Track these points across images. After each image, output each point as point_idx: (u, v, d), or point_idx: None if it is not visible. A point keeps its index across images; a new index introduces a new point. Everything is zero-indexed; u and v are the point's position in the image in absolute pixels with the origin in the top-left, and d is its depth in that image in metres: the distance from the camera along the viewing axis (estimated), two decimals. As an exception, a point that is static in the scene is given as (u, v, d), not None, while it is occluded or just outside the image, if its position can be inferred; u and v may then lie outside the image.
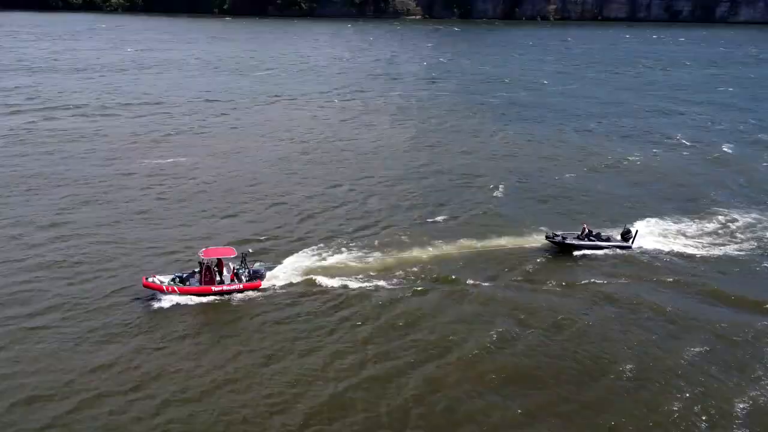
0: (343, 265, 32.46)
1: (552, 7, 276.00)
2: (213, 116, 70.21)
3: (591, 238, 35.50)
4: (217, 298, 29.33)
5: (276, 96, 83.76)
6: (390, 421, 21.42)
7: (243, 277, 29.93)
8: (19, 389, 22.55)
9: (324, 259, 33.07)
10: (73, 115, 68.38)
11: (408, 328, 27.09)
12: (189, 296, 28.95)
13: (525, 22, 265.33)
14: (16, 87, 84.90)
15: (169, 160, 51.09)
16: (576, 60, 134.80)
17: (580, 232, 35.63)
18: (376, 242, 35.45)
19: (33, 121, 64.66)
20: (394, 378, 23.62)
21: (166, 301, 28.59)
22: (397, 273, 31.84)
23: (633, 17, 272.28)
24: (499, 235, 36.76)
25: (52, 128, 62.06)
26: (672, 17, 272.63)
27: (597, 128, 66.93)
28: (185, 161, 50.79)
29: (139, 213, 39.63)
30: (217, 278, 29.50)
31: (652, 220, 39.78)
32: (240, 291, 29.62)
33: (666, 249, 35.83)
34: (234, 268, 30.24)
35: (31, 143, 56.20)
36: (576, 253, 34.86)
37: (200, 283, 29.28)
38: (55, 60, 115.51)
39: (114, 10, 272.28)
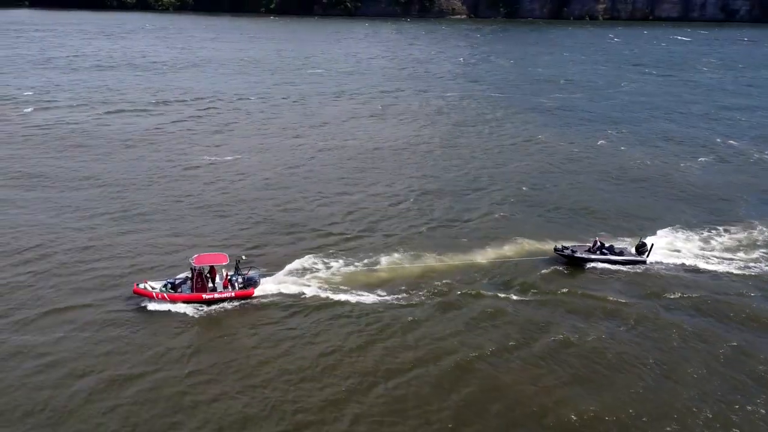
0: (341, 275, 31.84)
1: (601, 6, 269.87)
2: (260, 114, 71.93)
3: (604, 251, 34.41)
4: (209, 305, 28.82)
5: (323, 95, 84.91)
6: (375, 432, 21.49)
7: (236, 284, 29.30)
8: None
9: (322, 267, 32.48)
10: (131, 111, 71.70)
11: (401, 342, 26.53)
12: (179, 303, 28.45)
13: (573, 22, 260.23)
14: (75, 83, 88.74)
15: (204, 158, 52.42)
16: (626, 61, 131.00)
17: (591, 245, 34.65)
18: (378, 251, 34.73)
19: (96, 118, 67.61)
20: (384, 390, 23.50)
21: (156, 308, 28.21)
22: (397, 284, 31.20)
23: (686, 17, 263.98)
24: (508, 245, 36.17)
25: (110, 124, 64.93)
26: (728, 17, 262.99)
27: (634, 133, 64.94)
28: (215, 160, 52.01)
29: (143, 213, 40.15)
30: (210, 285, 28.94)
31: (672, 232, 38.47)
32: (232, 299, 28.99)
33: (684, 264, 34.55)
34: (227, 274, 29.61)
35: (89, 140, 58.48)
36: (587, 266, 33.82)
37: (192, 290, 28.72)
38: (113, 57, 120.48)
39: (165, 9, 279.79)
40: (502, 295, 30.61)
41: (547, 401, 23.12)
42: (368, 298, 29.81)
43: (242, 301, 29.24)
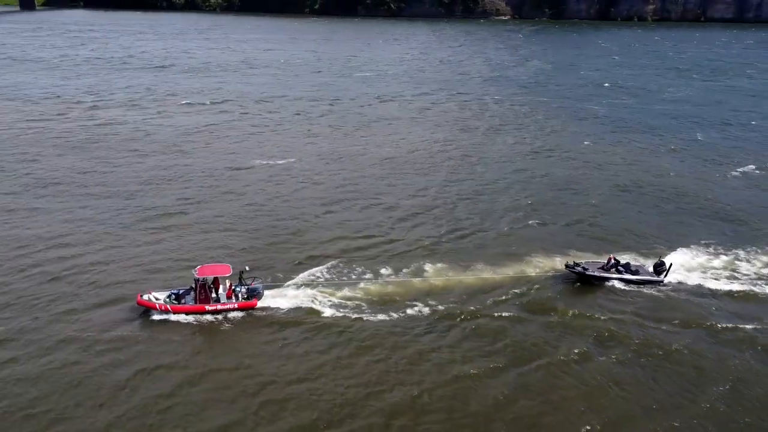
0: (346, 287, 31.61)
1: (650, 7, 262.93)
2: (307, 116, 73.27)
3: (619, 269, 33.37)
4: (212, 316, 28.89)
5: (368, 98, 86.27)
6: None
7: (240, 296, 29.32)
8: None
9: (328, 278, 32.36)
10: (183, 112, 74.25)
11: (401, 361, 26.19)
12: (183, 315, 28.59)
13: (620, 23, 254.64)
14: (130, 84, 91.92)
15: (256, 161, 53.44)
16: (677, 66, 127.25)
17: (605, 262, 33.69)
18: (387, 265, 34.31)
19: (149, 118, 70.30)
20: (379, 412, 23.33)
21: (160, 320, 28.41)
22: (402, 300, 30.79)
23: (741, 18, 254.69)
24: (518, 260, 35.49)
25: (161, 125, 67.44)
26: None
27: (677, 145, 62.75)
28: (262, 163, 52.95)
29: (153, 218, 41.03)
30: (213, 296, 29.03)
31: (696, 251, 37.10)
32: (235, 310, 29.01)
33: (704, 286, 33.18)
34: (231, 285, 29.66)
35: (139, 140, 60.95)
36: (599, 285, 32.86)
37: (195, 301, 28.84)
38: (165, 58, 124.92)
39: (213, 9, 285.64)
40: (505, 314, 29.94)
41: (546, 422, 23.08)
42: (371, 313, 29.56)
43: (245, 313, 29.31)
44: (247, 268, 31.23)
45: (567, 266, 33.50)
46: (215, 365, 25.77)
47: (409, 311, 30.02)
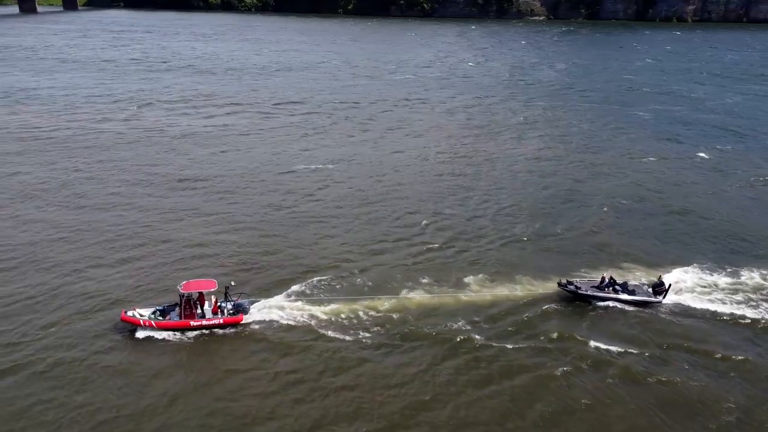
0: (335, 303, 31.33)
1: (690, 7, 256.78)
2: (348, 121, 74.26)
3: (615, 288, 32.82)
4: (197, 332, 28.82)
5: (411, 100, 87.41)
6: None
7: (225, 311, 29.25)
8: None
9: (317, 294, 32.12)
10: (225, 113, 76.56)
11: (386, 381, 26.02)
12: (167, 331, 28.57)
13: (659, 24, 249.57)
14: (172, 87, 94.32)
15: (299, 167, 54.00)
16: (719, 69, 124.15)
17: (599, 281, 33.21)
18: (379, 281, 33.90)
19: (192, 120, 72.54)
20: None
21: (144, 336, 28.35)
22: (389, 318, 30.46)
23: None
24: (511, 279, 34.82)
25: (204, 126, 69.72)
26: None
27: (699, 156, 61.14)
28: (302, 168, 53.59)
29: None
30: (198, 311, 29.01)
31: (701, 272, 36.18)
32: (220, 326, 28.92)
33: (706, 308, 32.26)
34: (216, 300, 29.55)
35: (182, 142, 63.15)
36: (594, 304, 32.29)
37: (180, 317, 28.71)
38: (205, 59, 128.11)
39: (248, 9, 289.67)
40: (491, 335, 29.45)
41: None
42: (359, 330, 29.36)
43: (231, 328, 29.24)
44: (232, 283, 31.13)
45: (560, 284, 32.98)
46: (195, 384, 25.68)
47: (396, 330, 29.72)
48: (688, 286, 34.79)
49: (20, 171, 52.06)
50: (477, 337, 29.40)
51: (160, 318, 28.84)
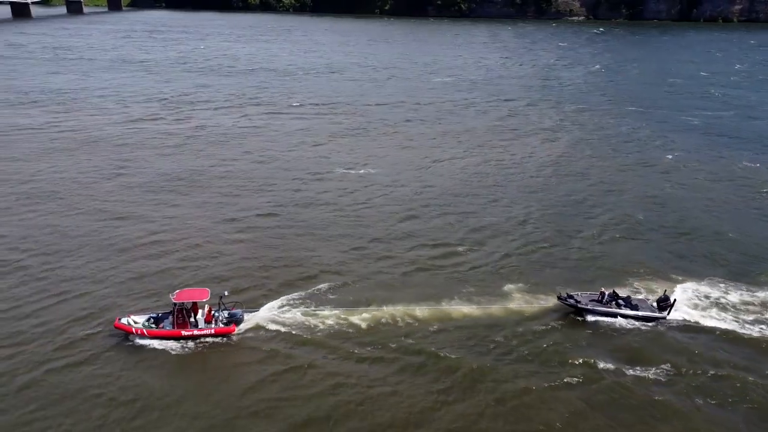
0: (331, 315, 31.24)
1: (737, 7, 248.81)
2: (388, 124, 74.82)
3: (619, 302, 32.18)
4: (188, 342, 28.89)
5: (452, 103, 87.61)
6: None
7: (219, 321, 29.25)
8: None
9: (310, 307, 31.89)
10: (269, 113, 79.00)
11: (378, 397, 25.71)
12: (158, 339, 28.66)
13: (703, 24, 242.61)
14: (218, 88, 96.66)
15: (337, 170, 54.82)
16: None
17: (600, 295, 32.44)
18: (379, 292, 33.59)
19: (235, 120, 74.81)
20: None
21: (135, 344, 28.54)
22: (388, 331, 30.19)
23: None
24: (509, 292, 34.17)
25: (246, 127, 71.70)
26: None
27: (730, 168, 59.38)
28: (344, 173, 54.60)
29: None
30: (191, 320, 28.96)
31: (711, 286, 35.10)
32: (212, 336, 28.88)
33: (713, 326, 31.22)
34: (211, 310, 29.62)
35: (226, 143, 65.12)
36: (594, 319, 31.72)
37: (173, 326, 28.73)
38: (248, 60, 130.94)
39: (286, 10, 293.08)
40: (483, 350, 28.96)
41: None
42: (354, 344, 29.10)
43: (223, 339, 29.26)
44: (226, 293, 31.05)
45: (559, 297, 32.49)
46: (183, 394, 25.87)
47: (391, 342, 29.42)
48: (696, 302, 33.81)
49: (64, 169, 54.70)
50: (469, 351, 29.00)
51: (153, 326, 29.02)
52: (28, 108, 78.87)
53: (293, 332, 29.96)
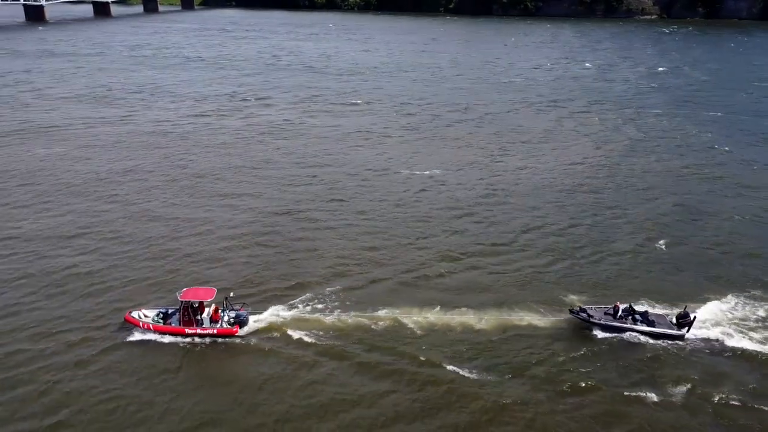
0: (336, 319, 31.32)
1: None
2: (455, 125, 75.02)
3: (635, 317, 31.00)
4: (192, 339, 29.58)
5: (521, 105, 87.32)
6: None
7: (224, 322, 29.80)
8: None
9: (316, 311, 32.07)
10: (329, 111, 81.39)
11: (376, 406, 25.61)
12: (163, 335, 29.56)
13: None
14: (286, 86, 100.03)
15: (403, 171, 55.47)
16: None
17: (614, 309, 31.45)
18: (390, 298, 33.54)
19: (298, 117, 77.91)
20: None
21: (141, 338, 29.50)
22: (391, 338, 30.03)
23: None
24: (523, 301, 33.52)
25: (306, 124, 74.47)
26: None
27: None
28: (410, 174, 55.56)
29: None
30: (198, 318, 29.62)
31: (737, 304, 33.44)
32: (214, 335, 29.55)
33: (736, 346, 29.61)
34: (217, 309, 30.18)
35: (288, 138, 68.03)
36: (606, 335, 30.68)
37: (179, 323, 29.60)
38: (319, 59, 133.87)
39: (351, 8, 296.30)
40: (487, 364, 28.31)
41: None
42: (358, 350, 29.08)
43: (226, 339, 29.75)
44: (232, 294, 31.61)
45: (571, 311, 31.69)
46: (181, 391, 26.49)
47: (394, 349, 29.33)
48: (719, 319, 32.20)
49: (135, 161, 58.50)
50: (471, 363, 28.46)
51: (161, 322, 29.91)
52: (107, 102, 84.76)
53: (297, 336, 30.00)
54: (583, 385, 27.29)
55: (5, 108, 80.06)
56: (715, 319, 32.28)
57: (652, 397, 26.65)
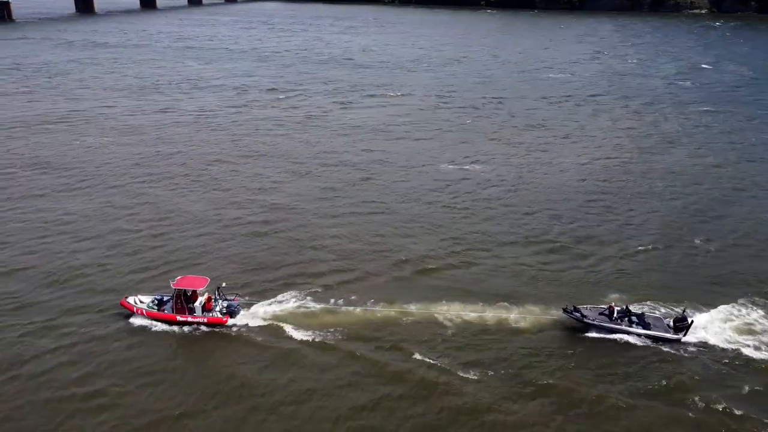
0: (333, 313, 31.36)
1: None
2: (500, 122, 74.02)
3: (631, 319, 30.18)
4: (182, 327, 29.96)
5: (563, 101, 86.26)
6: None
7: (215, 310, 30.16)
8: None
9: (307, 303, 32.10)
10: (367, 106, 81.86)
11: (361, 402, 25.42)
12: (155, 321, 30.05)
13: None
14: (329, 78, 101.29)
15: (445, 166, 55.71)
16: None
17: (609, 310, 30.70)
18: (386, 293, 33.39)
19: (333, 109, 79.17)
20: None
21: (134, 323, 30.08)
22: (381, 333, 29.92)
23: None
24: (514, 300, 32.87)
25: (343, 116, 75.42)
26: None
27: None
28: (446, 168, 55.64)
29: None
30: (190, 306, 29.95)
31: (739, 309, 32.18)
32: (204, 324, 29.92)
33: (735, 352, 28.63)
34: (210, 298, 30.51)
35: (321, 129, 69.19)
36: (599, 336, 29.99)
37: (172, 310, 30.02)
38: (359, 53, 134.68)
39: (392, 1, 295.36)
40: (474, 363, 27.79)
41: None
42: (347, 344, 29.07)
43: (216, 328, 30.00)
44: (224, 284, 31.82)
45: (565, 310, 30.99)
46: (159, 373, 26.98)
47: (386, 345, 29.17)
48: (718, 323, 31.06)
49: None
50: (459, 363, 27.92)
51: (155, 308, 30.33)
52: (152, 92, 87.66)
53: (287, 328, 30.06)
54: (572, 387, 26.61)
55: (54, 95, 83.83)
56: (714, 324, 31.17)
57: (642, 402, 25.82)
